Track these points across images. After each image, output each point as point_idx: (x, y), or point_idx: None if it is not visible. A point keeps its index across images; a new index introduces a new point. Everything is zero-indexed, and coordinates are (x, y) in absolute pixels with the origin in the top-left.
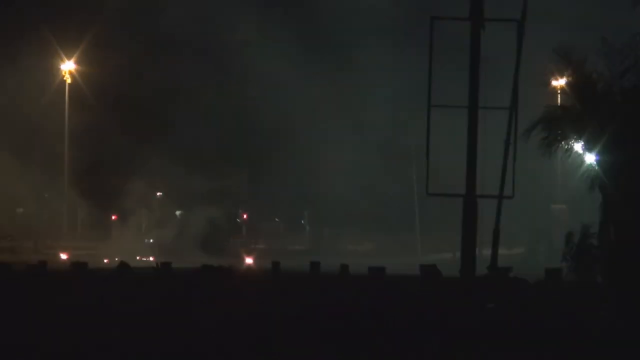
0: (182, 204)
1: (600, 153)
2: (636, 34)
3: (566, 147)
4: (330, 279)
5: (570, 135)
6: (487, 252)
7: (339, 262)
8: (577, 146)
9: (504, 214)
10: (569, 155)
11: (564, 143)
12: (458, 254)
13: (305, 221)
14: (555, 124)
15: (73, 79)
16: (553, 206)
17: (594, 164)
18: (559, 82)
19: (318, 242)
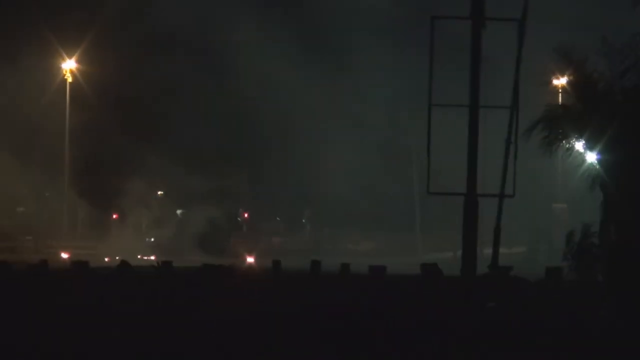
0: (183, 203)
1: (601, 152)
2: (636, 34)
3: (567, 146)
4: (331, 279)
5: (571, 135)
6: (488, 251)
7: (340, 262)
8: (578, 145)
9: (504, 213)
10: (570, 154)
11: (564, 142)
12: (459, 253)
13: (307, 220)
14: (556, 123)
15: (73, 78)
16: (554, 205)
17: (595, 163)
18: (559, 82)
19: (318, 242)
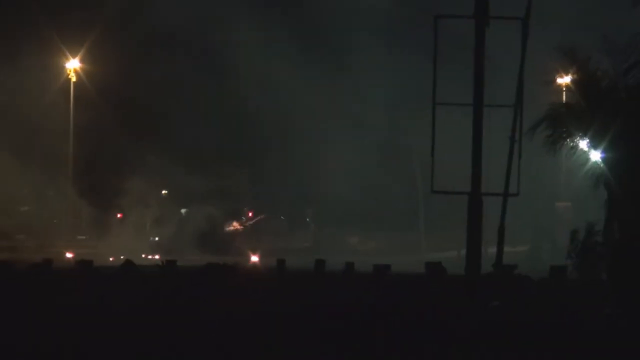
0: (187, 202)
1: (605, 150)
2: (637, 34)
3: (571, 144)
4: (336, 278)
5: (575, 133)
6: (492, 250)
7: (344, 260)
8: (581, 144)
9: (508, 211)
10: (574, 152)
11: (568, 140)
12: (463, 251)
13: (311, 219)
14: (560, 121)
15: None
16: (557, 204)
17: (599, 162)
18: (563, 80)
19: (322, 240)
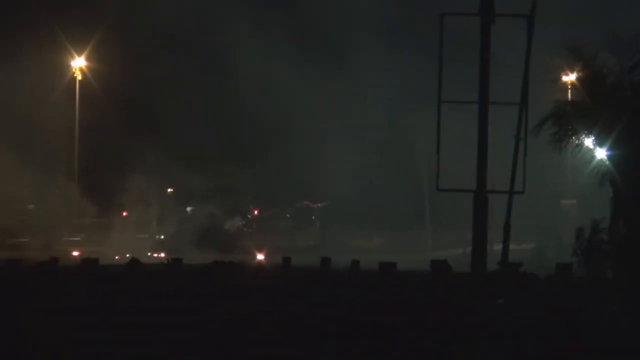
0: (192, 201)
1: (610, 148)
2: (638, 34)
3: (576, 142)
4: (342, 276)
5: (581, 131)
6: (497, 247)
7: (349, 258)
8: (587, 141)
9: (514, 209)
10: (579, 150)
11: (574, 138)
12: (468, 249)
13: (316, 217)
14: (566, 119)
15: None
16: (563, 201)
17: (605, 159)
18: (569, 78)
19: (328, 239)
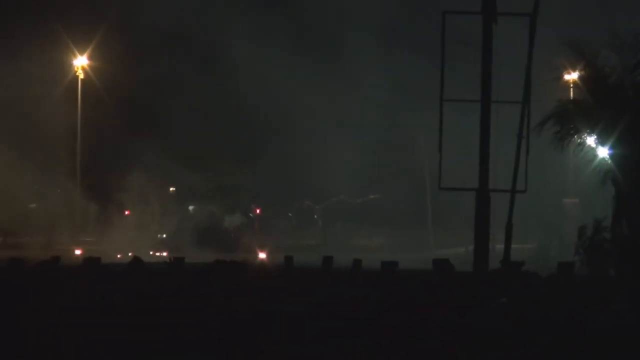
0: (194, 200)
1: (612, 147)
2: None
3: (578, 141)
4: (344, 275)
5: (583, 129)
6: (499, 246)
7: (351, 257)
8: (589, 140)
9: (516, 208)
10: (582, 149)
11: (576, 137)
12: (470, 248)
13: (318, 216)
14: (568, 118)
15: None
16: (565, 200)
17: (607, 158)
18: (571, 76)
19: (329, 238)
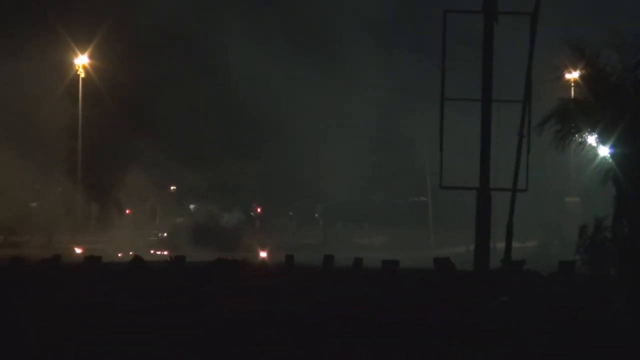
0: (195, 199)
1: (613, 146)
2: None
3: (579, 140)
4: (344, 274)
5: (584, 129)
6: (501, 245)
7: (352, 256)
8: (590, 139)
9: (517, 207)
10: (582, 148)
11: (577, 136)
12: (472, 247)
13: (319, 215)
14: (569, 117)
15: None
16: (566, 199)
17: (608, 157)
18: (572, 75)
19: (331, 237)
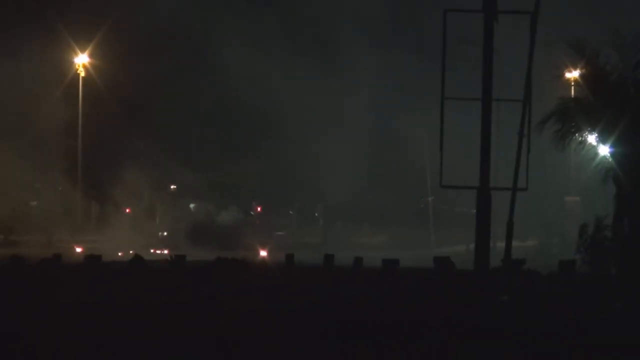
0: (196, 198)
1: (613, 145)
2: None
3: (580, 139)
4: (345, 273)
5: (584, 128)
6: (501, 244)
7: (352, 255)
8: (590, 138)
9: (517, 206)
10: (583, 147)
11: (577, 135)
12: (472, 246)
13: (319, 215)
14: (569, 116)
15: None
16: (566, 198)
17: (608, 156)
18: (572, 74)
19: (330, 236)
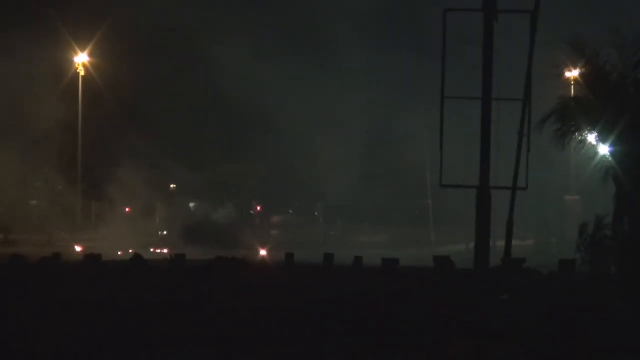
0: (196, 197)
1: (614, 144)
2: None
3: (580, 138)
4: (344, 272)
5: (584, 127)
6: (501, 243)
7: (352, 254)
8: (590, 137)
9: (517, 205)
10: (583, 146)
11: (577, 134)
12: (472, 245)
13: (320, 213)
14: (569, 115)
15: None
16: (566, 197)
17: (608, 155)
18: (572, 74)
19: (331, 235)
